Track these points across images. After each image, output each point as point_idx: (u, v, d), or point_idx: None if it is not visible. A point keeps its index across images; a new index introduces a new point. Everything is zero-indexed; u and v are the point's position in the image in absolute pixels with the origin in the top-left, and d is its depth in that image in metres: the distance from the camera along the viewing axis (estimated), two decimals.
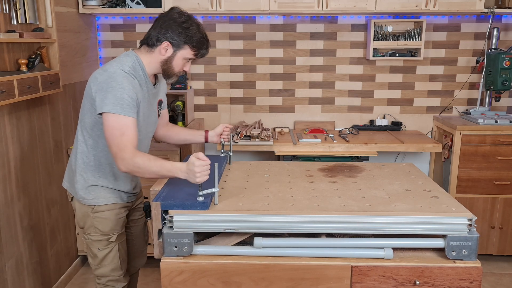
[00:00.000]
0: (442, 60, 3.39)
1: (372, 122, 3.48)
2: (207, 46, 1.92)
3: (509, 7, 3.14)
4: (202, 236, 1.72)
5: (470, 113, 3.27)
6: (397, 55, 3.31)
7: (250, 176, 2.05)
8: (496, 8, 3.09)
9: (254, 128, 3.18)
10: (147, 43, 1.87)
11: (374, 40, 3.25)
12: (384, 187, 1.90)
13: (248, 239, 1.68)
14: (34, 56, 2.44)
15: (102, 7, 3.08)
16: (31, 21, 2.43)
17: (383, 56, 3.33)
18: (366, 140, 3.09)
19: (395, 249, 1.64)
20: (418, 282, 1.59)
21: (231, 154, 2.24)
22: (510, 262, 3.18)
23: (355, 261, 1.61)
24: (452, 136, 3.05)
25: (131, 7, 3.08)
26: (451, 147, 3.06)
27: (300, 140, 3.06)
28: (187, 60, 1.91)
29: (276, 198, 1.76)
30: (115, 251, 1.96)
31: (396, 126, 3.42)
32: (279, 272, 1.61)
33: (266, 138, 3.00)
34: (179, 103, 3.26)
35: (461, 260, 1.61)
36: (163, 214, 1.63)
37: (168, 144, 2.35)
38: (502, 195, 3.04)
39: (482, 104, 3.32)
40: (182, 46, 1.85)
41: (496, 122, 3.01)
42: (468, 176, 3.03)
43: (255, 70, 3.45)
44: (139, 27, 3.39)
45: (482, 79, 3.20)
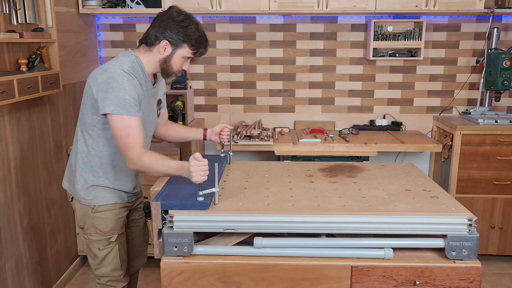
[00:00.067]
0: (442, 60, 3.39)
1: (372, 122, 3.48)
2: (206, 45, 1.92)
3: (509, 7, 3.14)
4: (202, 236, 1.73)
5: (470, 113, 3.27)
6: (397, 55, 3.31)
7: (250, 176, 2.05)
8: (496, 8, 3.09)
9: (254, 128, 3.18)
10: (146, 42, 1.87)
11: (374, 40, 3.25)
12: (384, 187, 1.90)
13: (248, 239, 1.68)
14: (34, 56, 2.44)
15: (102, 7, 3.08)
16: (31, 21, 2.43)
17: (383, 56, 3.33)
18: (366, 140, 3.09)
19: (395, 249, 1.64)
20: (418, 282, 1.59)
21: (231, 154, 2.24)
22: (510, 262, 3.18)
23: (355, 261, 1.61)
24: (452, 136, 3.05)
25: (131, 7, 3.08)
26: (451, 147, 3.06)
27: (300, 140, 3.06)
28: (186, 59, 1.90)
29: (276, 198, 1.76)
30: (115, 251, 1.96)
31: (396, 126, 3.42)
32: (279, 272, 1.61)
33: (266, 138, 3.00)
34: (179, 103, 3.25)
35: (461, 260, 1.61)
36: (163, 214, 1.63)
37: (168, 143, 2.35)
38: (502, 195, 3.04)
39: (482, 104, 3.32)
40: (180, 45, 1.85)
41: (496, 122, 3.01)
42: (468, 176, 3.03)
43: (255, 70, 3.45)
44: (139, 27, 3.39)
45: (482, 79, 3.20)
